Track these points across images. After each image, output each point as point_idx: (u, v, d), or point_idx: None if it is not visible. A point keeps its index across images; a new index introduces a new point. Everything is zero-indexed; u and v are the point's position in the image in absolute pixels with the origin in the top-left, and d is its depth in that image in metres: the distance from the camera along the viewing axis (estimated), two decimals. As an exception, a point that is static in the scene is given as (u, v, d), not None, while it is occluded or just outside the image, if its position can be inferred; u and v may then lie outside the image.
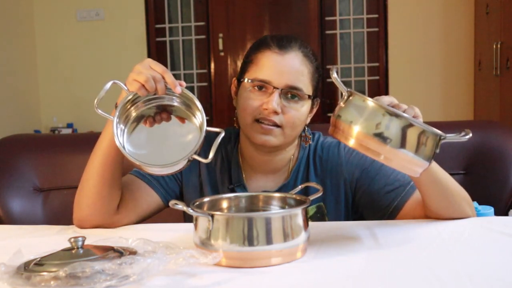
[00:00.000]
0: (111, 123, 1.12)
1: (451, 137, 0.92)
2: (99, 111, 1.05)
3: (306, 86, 1.23)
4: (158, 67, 1.06)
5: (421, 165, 0.90)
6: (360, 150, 0.90)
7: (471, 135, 0.94)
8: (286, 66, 1.21)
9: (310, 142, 1.33)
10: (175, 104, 1.09)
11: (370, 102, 0.89)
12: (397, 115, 0.88)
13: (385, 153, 0.88)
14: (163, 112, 1.09)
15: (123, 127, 1.05)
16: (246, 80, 1.23)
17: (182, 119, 1.09)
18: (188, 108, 1.09)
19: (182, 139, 1.08)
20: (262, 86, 1.22)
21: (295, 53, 1.23)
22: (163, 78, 1.05)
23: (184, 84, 1.07)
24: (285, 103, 1.21)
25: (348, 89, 0.93)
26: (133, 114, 1.08)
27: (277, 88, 1.20)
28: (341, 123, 0.91)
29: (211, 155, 1.01)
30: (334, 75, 0.93)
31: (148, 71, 1.05)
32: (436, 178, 1.09)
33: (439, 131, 0.91)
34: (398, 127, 0.87)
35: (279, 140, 1.23)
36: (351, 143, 0.90)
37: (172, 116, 1.09)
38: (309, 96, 1.24)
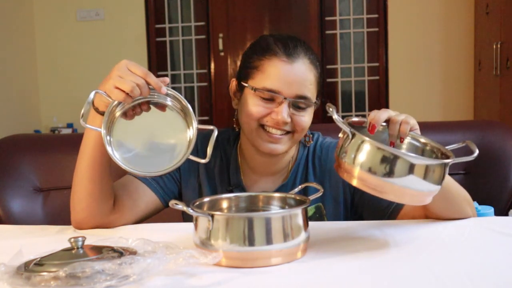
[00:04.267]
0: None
1: (458, 160, 0.93)
2: (86, 125, 1.04)
3: (312, 93, 1.22)
4: (138, 70, 1.01)
5: (431, 194, 0.92)
6: (367, 190, 0.91)
7: (477, 153, 0.95)
8: (295, 76, 1.19)
9: (311, 142, 1.33)
10: (168, 103, 1.06)
11: (373, 144, 0.88)
12: (399, 157, 0.87)
13: (394, 192, 0.89)
14: (143, 103, 1.04)
15: (109, 138, 1.02)
16: (252, 88, 1.21)
17: (162, 108, 1.05)
18: (180, 110, 1.06)
19: (171, 140, 1.06)
20: (271, 97, 1.19)
21: (302, 61, 1.20)
22: (146, 81, 1.01)
23: (167, 80, 1.03)
24: (293, 111, 1.20)
25: (351, 130, 0.91)
26: (117, 115, 1.04)
27: (287, 99, 1.18)
28: (345, 164, 0.91)
29: (208, 153, 1.01)
30: (334, 116, 0.91)
31: (130, 77, 1.00)
32: None
33: (444, 160, 0.91)
34: (402, 167, 0.87)
35: (286, 146, 1.23)
36: (355, 183, 0.91)
37: (152, 107, 1.05)
38: (314, 103, 1.24)
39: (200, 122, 4.71)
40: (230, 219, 0.89)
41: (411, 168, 0.87)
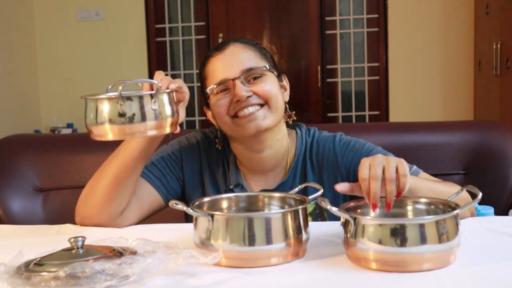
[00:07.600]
0: None
1: (464, 207, 0.90)
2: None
3: (259, 63, 1.26)
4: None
5: (455, 250, 0.88)
6: (390, 270, 0.85)
7: (480, 195, 0.92)
8: (231, 57, 1.25)
9: (294, 118, 1.33)
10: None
11: (374, 221, 0.86)
12: (408, 224, 0.84)
13: (416, 262, 0.85)
14: None
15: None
16: (207, 91, 1.26)
17: None
18: None
19: None
20: (224, 87, 1.24)
21: (233, 45, 1.28)
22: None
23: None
24: (250, 85, 1.23)
25: (351, 215, 0.88)
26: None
27: (235, 79, 1.22)
28: (359, 251, 0.87)
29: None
30: (329, 207, 0.88)
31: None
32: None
33: (453, 212, 0.86)
34: (415, 233, 0.83)
35: (269, 121, 1.23)
36: (374, 266, 0.86)
37: None
38: (267, 69, 1.26)
39: (200, 122, 4.71)
40: (230, 219, 0.89)
41: (423, 230, 0.83)
